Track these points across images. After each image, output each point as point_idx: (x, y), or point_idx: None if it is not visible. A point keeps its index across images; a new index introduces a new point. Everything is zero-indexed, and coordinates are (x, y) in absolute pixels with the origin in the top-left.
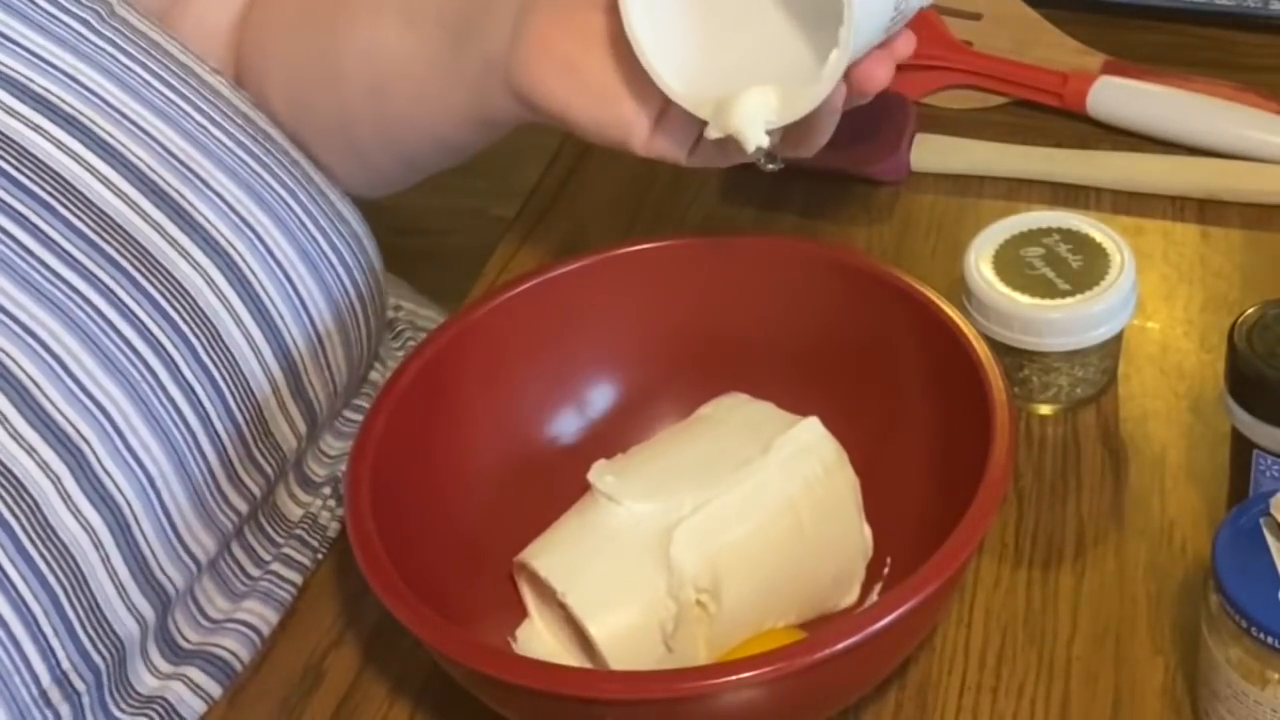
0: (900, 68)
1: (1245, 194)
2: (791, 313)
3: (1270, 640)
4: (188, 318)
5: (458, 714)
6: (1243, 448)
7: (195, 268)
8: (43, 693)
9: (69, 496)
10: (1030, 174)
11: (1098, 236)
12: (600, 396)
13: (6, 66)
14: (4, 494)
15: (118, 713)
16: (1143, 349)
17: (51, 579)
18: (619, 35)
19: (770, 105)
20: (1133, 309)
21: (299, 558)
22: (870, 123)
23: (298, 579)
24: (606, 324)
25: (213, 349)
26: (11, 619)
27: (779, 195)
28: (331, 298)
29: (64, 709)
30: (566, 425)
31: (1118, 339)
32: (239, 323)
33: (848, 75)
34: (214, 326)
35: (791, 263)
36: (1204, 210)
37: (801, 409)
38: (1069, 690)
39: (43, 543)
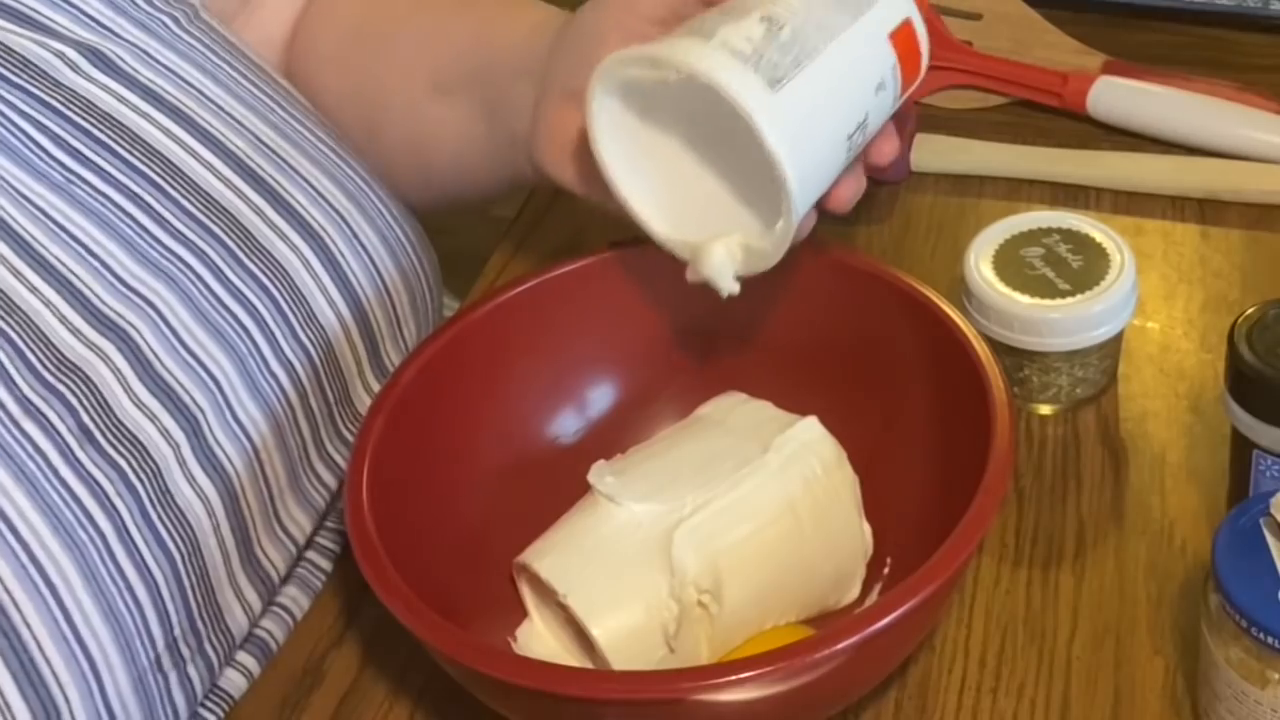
0: None
1: (1246, 194)
2: (791, 313)
3: (1270, 640)
4: (287, 295)
5: (458, 714)
6: (1243, 448)
7: (292, 249)
8: (157, 658)
9: (185, 463)
10: (1030, 174)
11: (1098, 236)
12: (600, 396)
13: (120, 59)
14: (131, 460)
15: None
16: (1143, 349)
17: (171, 546)
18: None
19: (736, 257)
20: (1133, 309)
21: (332, 545)
22: None
23: (328, 567)
24: (606, 324)
25: (308, 326)
26: (136, 583)
27: None
28: (406, 278)
29: (171, 676)
30: (566, 425)
31: (1118, 339)
32: (331, 302)
33: (821, 203)
34: (309, 305)
35: (791, 263)
36: (1204, 210)
37: (801, 408)
38: (1069, 690)
39: (164, 509)
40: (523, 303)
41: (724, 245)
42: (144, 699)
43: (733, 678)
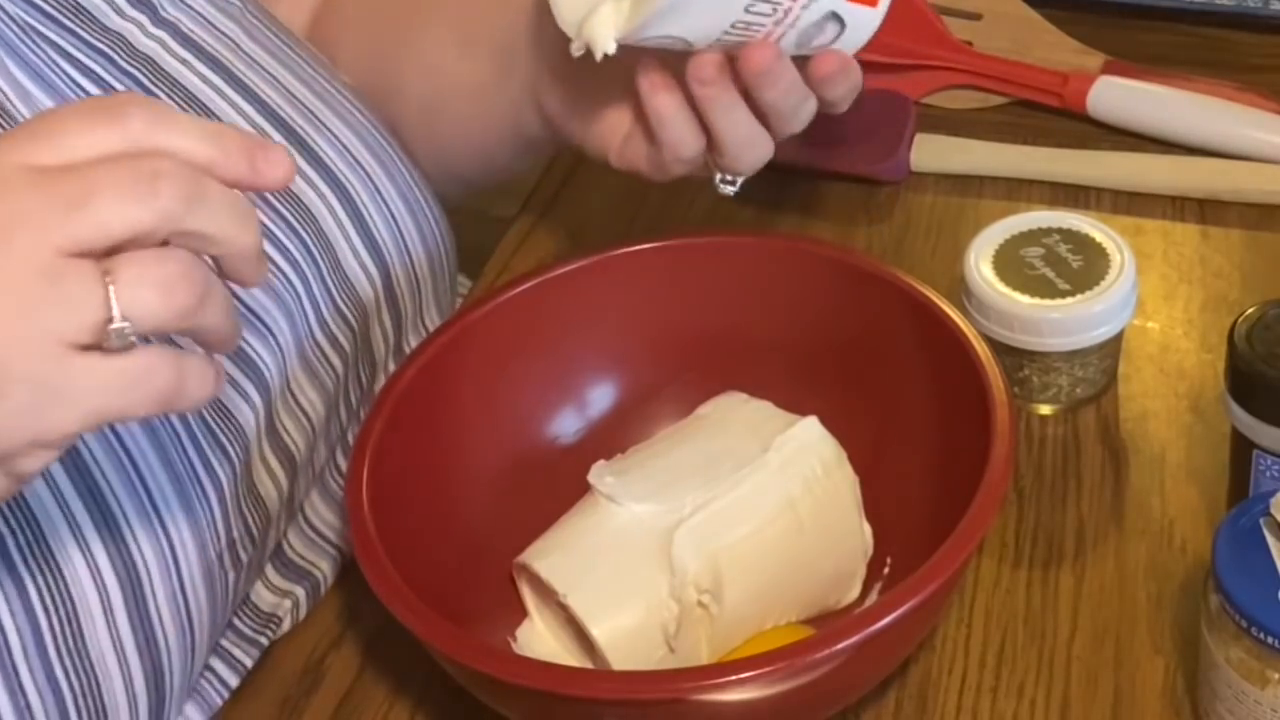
0: (900, 68)
1: (1246, 194)
2: (791, 313)
3: (1270, 640)
4: (314, 240)
5: (458, 714)
6: (1243, 448)
7: (319, 195)
8: (220, 554)
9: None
10: (1030, 174)
11: (1098, 236)
12: (600, 396)
13: (165, 10)
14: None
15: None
16: (1143, 349)
17: (231, 450)
18: (598, 69)
19: (622, 13)
20: (1133, 309)
21: None
22: (870, 123)
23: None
24: (606, 324)
25: (334, 273)
26: (206, 482)
27: (779, 195)
28: (424, 238)
29: (231, 575)
30: (566, 425)
31: (1118, 339)
32: (354, 249)
33: (736, 61)
34: (334, 250)
35: (791, 263)
36: (1204, 210)
37: (801, 409)
38: (1069, 690)
39: (223, 422)
40: (523, 303)
41: (611, 3)
42: (209, 584)
43: (733, 678)
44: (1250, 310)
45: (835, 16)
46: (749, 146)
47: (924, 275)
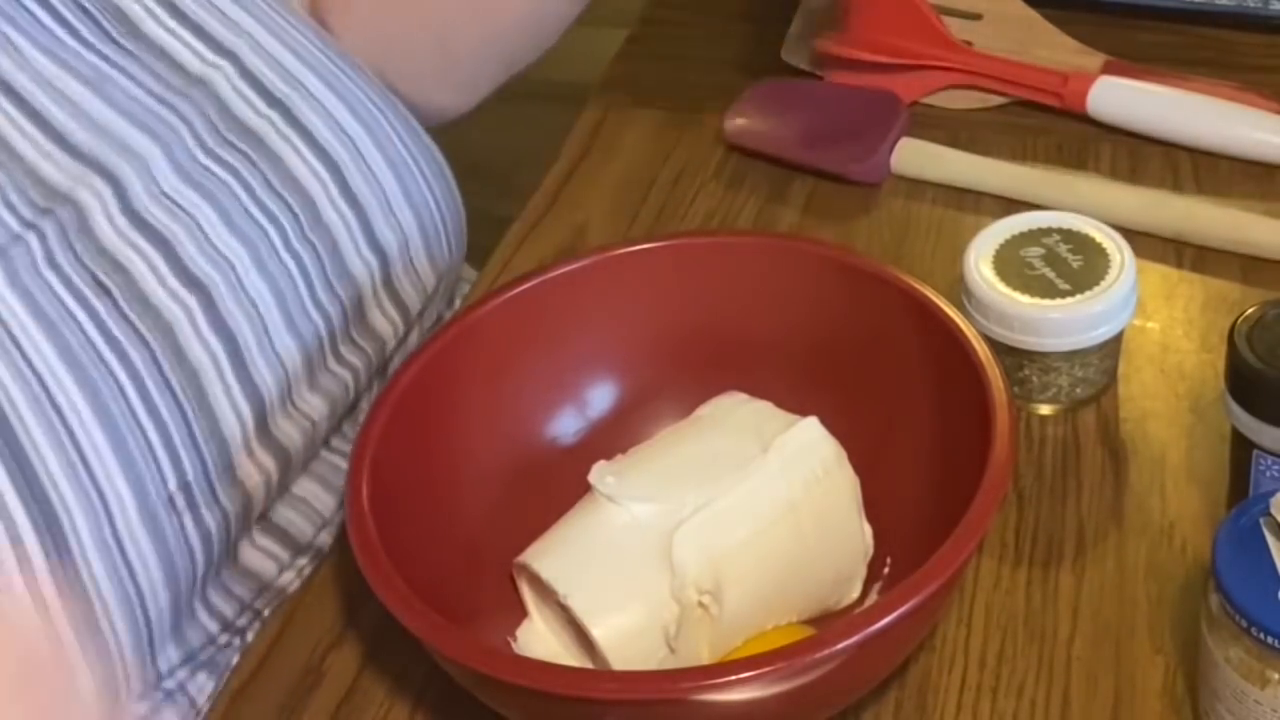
0: (900, 68)
1: (1213, 240)
2: (791, 313)
3: (1270, 640)
4: (295, 198)
5: (458, 714)
6: (1243, 448)
7: (302, 160)
8: (170, 497)
9: (199, 329)
10: (1005, 191)
11: (1098, 236)
12: (600, 396)
13: None
14: (144, 322)
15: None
16: (1143, 349)
17: (181, 396)
18: None
19: None
20: (1133, 309)
21: None
22: (857, 122)
23: None
24: (606, 324)
25: (316, 229)
26: (147, 424)
27: (779, 194)
28: (414, 205)
29: (186, 517)
30: (566, 425)
31: (1118, 339)
32: (339, 212)
33: None
34: (317, 210)
35: (791, 263)
36: None
37: (801, 409)
38: (1069, 690)
39: (175, 364)
40: (523, 303)
41: None
42: (156, 534)
43: (733, 678)
44: (1250, 310)
45: None
46: None
47: (924, 275)
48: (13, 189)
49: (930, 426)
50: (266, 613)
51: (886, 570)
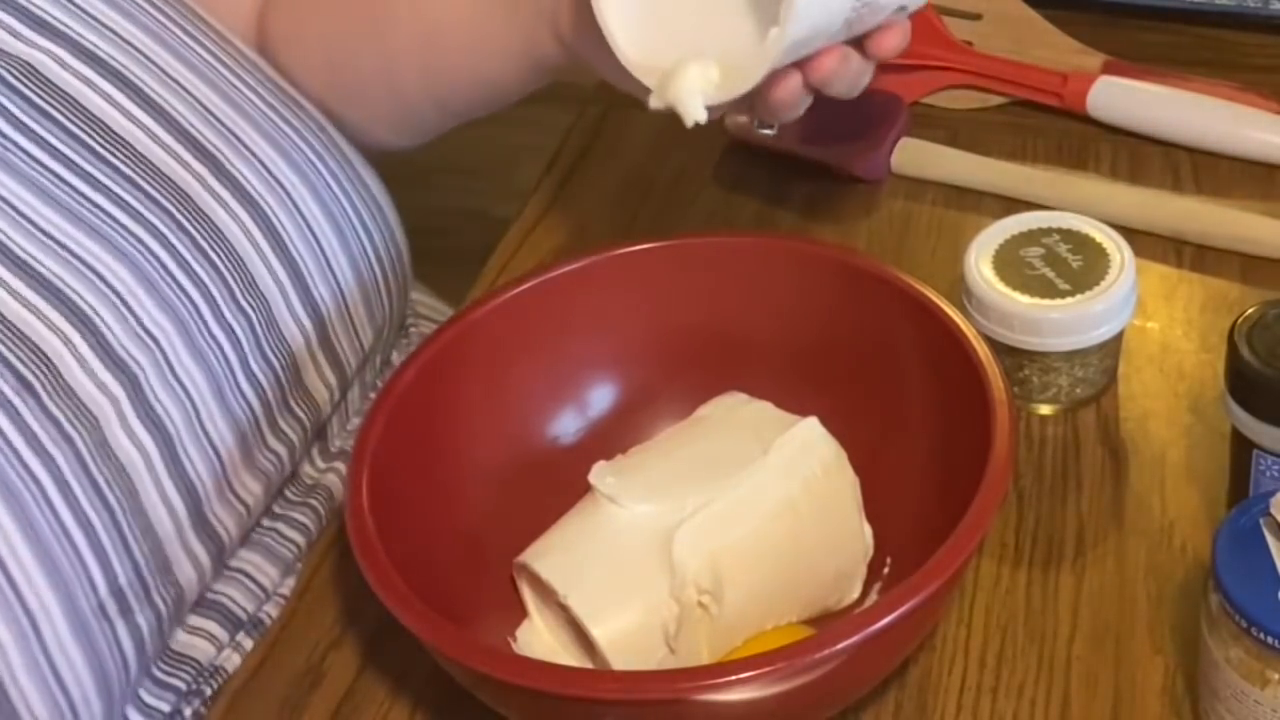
0: (900, 68)
1: (1213, 239)
2: (791, 313)
3: (1270, 640)
4: (226, 260)
5: (458, 714)
6: (1243, 448)
7: (233, 216)
8: (100, 604)
9: (125, 418)
10: (1007, 191)
11: (1098, 236)
12: (600, 396)
13: (59, 21)
14: (69, 412)
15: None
16: (1143, 349)
17: (110, 496)
18: None
19: (711, 80)
20: (1133, 309)
21: (305, 521)
22: (858, 121)
23: (301, 541)
24: (606, 324)
25: (249, 293)
26: (74, 530)
27: (779, 194)
28: (353, 257)
29: (119, 624)
30: (566, 425)
31: (1118, 339)
32: (272, 272)
33: (802, 64)
34: (249, 272)
35: (791, 263)
36: None
37: (801, 409)
38: (1069, 690)
39: (103, 461)
40: (523, 302)
41: (698, 65)
42: (88, 645)
43: (733, 678)
44: (1250, 310)
45: None
46: (797, 108)
47: (924, 275)
48: None
49: (930, 426)
50: (209, 692)
51: (886, 570)
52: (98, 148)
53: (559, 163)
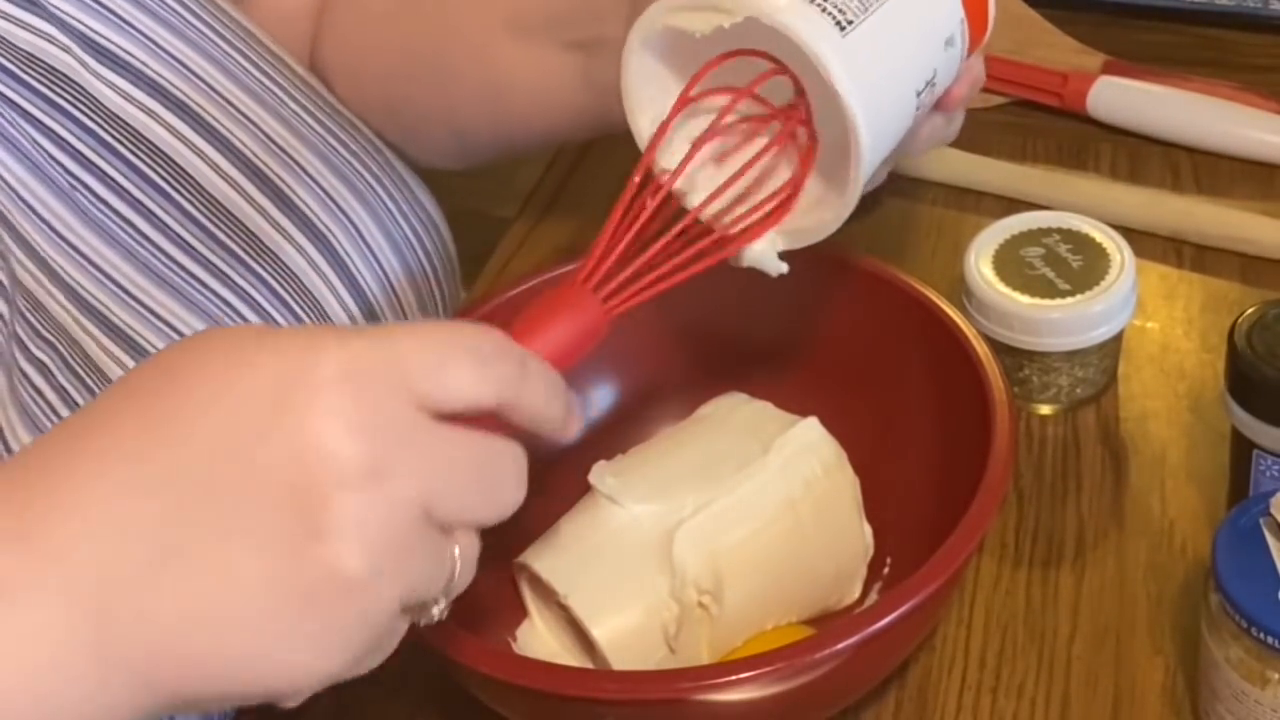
0: None
1: (1211, 239)
2: (791, 313)
3: (1270, 640)
4: (297, 298)
5: (458, 714)
6: (1243, 448)
7: (299, 250)
8: None
9: None
10: (1007, 192)
11: (1098, 236)
12: (600, 396)
13: (125, 51)
14: None
15: None
16: (1143, 349)
17: None
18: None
19: (776, 242)
20: (1133, 309)
21: None
22: None
23: None
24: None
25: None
26: None
27: None
28: (413, 278)
29: None
30: None
31: (1118, 339)
32: (341, 303)
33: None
34: (321, 306)
35: (792, 263)
36: None
37: (801, 409)
38: (1069, 690)
39: None
40: (523, 303)
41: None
42: None
43: (733, 678)
44: (1250, 310)
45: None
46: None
47: (924, 275)
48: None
49: (930, 426)
50: None
51: (886, 570)
52: (164, 184)
53: (559, 163)
